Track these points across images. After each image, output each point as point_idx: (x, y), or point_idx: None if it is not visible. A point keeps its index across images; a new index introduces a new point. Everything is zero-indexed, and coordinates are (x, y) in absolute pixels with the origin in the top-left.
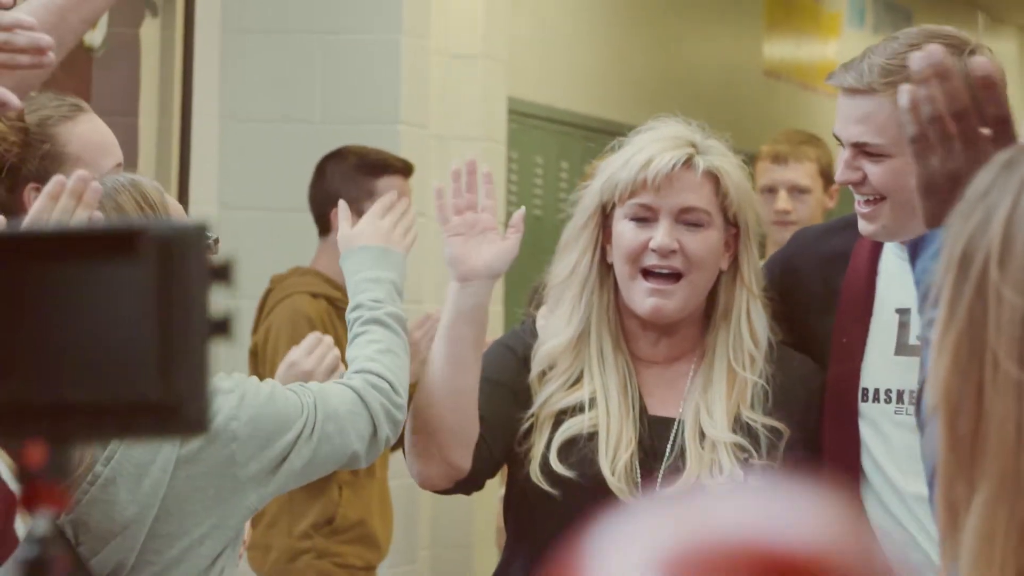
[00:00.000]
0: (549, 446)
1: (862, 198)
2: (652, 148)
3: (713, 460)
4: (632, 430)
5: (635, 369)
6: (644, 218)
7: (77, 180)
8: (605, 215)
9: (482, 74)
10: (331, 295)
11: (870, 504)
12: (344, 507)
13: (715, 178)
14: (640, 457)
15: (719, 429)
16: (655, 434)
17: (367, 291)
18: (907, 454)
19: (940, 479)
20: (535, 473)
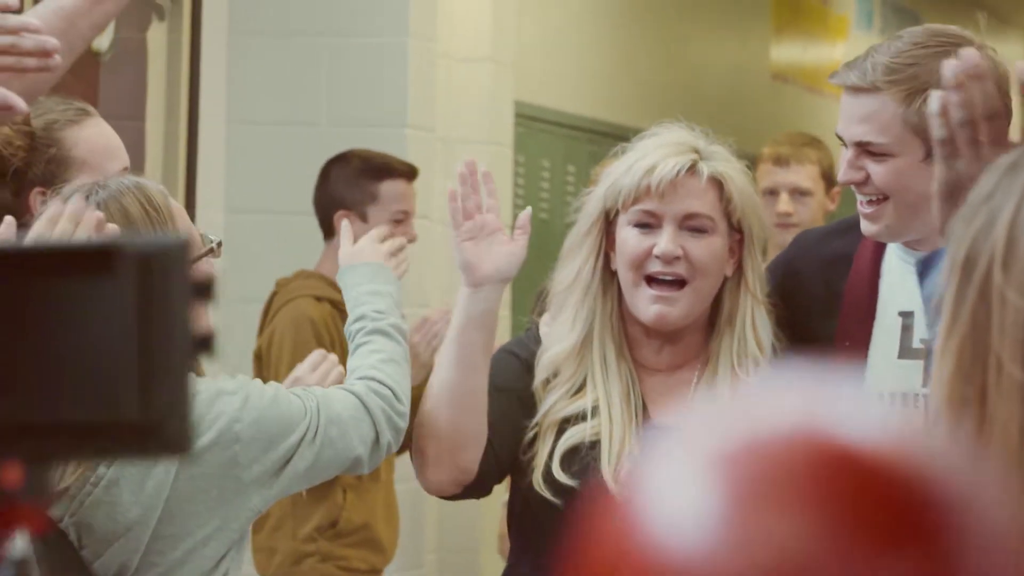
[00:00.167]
0: (552, 455)
1: (865, 198)
2: (656, 154)
3: None
4: (635, 438)
5: (639, 376)
6: (648, 224)
7: (76, 205)
8: (609, 221)
9: (489, 78)
10: (335, 299)
11: None
12: (348, 511)
13: (719, 184)
14: None
15: None
16: None
17: (369, 303)
18: None
19: None
20: (538, 482)
